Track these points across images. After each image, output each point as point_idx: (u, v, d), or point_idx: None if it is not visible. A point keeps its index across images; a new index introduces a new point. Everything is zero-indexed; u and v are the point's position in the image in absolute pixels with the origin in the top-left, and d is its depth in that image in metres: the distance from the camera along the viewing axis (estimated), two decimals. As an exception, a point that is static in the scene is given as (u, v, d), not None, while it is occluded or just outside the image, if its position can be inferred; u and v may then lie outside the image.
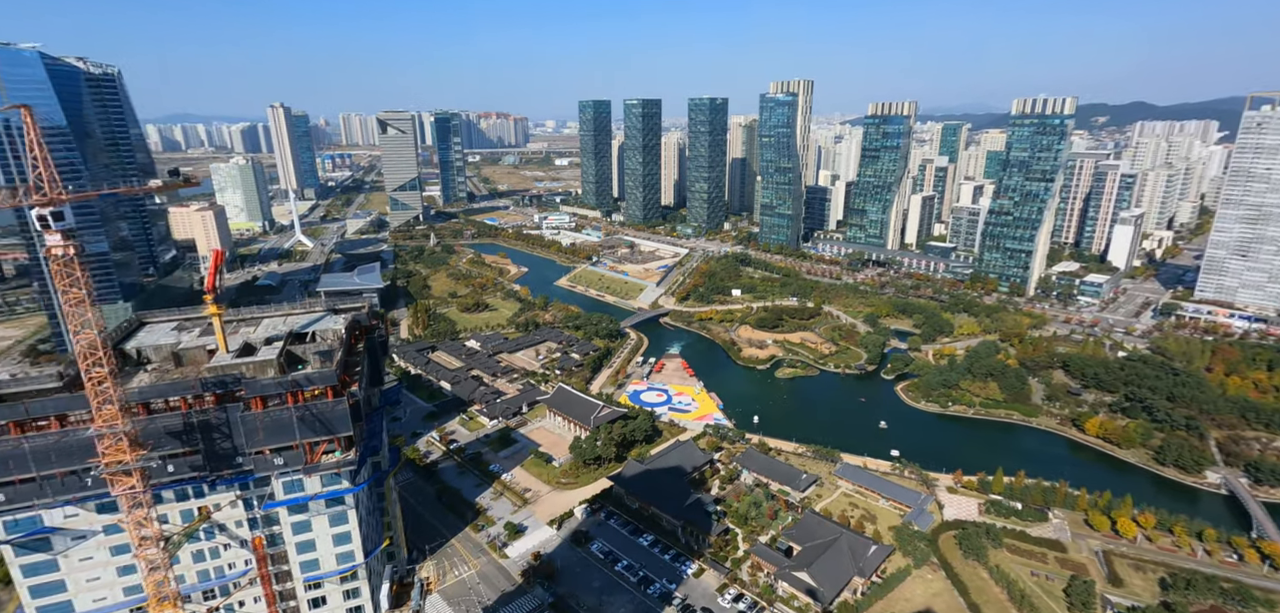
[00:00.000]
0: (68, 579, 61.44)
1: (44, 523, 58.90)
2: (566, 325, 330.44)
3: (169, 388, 59.64)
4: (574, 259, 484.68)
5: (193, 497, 63.76)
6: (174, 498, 63.02)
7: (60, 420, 57.05)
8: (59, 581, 60.92)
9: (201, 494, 63.65)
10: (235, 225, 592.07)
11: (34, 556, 59.71)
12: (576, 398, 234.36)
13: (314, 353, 71.04)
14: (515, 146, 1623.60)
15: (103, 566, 61.56)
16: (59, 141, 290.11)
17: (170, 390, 59.41)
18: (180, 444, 58.99)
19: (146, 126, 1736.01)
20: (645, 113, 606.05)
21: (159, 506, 62.72)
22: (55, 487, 56.96)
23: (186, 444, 59.29)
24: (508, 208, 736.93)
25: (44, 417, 56.95)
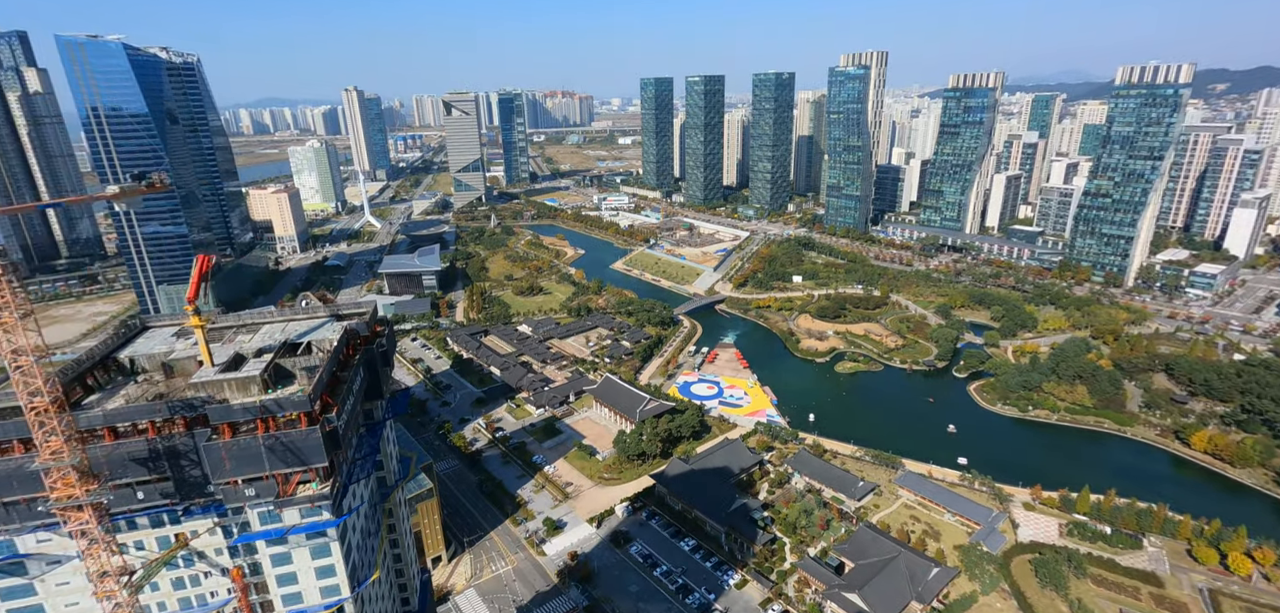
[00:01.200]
0: (46, 604, 59.53)
1: (17, 549, 56.69)
2: (619, 311, 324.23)
3: (133, 412, 55.96)
4: (631, 241, 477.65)
5: (169, 523, 60.41)
6: (149, 524, 59.81)
7: (25, 445, 54.20)
8: (37, 605, 59.08)
9: (178, 521, 60.17)
10: (309, 206, 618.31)
11: (9, 580, 57.88)
12: (623, 389, 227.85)
13: (303, 368, 66.38)
14: (580, 125, 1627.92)
15: (81, 590, 59.03)
16: (140, 128, 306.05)
17: (134, 415, 55.73)
18: (147, 472, 55.45)
19: (240, 110, 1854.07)
20: (707, 90, 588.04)
21: (134, 531, 59.78)
22: (21, 513, 54.49)
23: (154, 472, 55.72)
24: (568, 188, 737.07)
25: (6, 440, 54.25)
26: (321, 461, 57.20)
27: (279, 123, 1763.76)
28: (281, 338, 73.82)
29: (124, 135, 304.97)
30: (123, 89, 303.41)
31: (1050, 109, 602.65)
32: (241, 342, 73.09)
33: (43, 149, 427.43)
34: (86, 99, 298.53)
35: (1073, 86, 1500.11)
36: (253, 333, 76.16)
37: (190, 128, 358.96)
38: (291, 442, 55.88)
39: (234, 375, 62.86)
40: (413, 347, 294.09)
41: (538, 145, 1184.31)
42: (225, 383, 62.35)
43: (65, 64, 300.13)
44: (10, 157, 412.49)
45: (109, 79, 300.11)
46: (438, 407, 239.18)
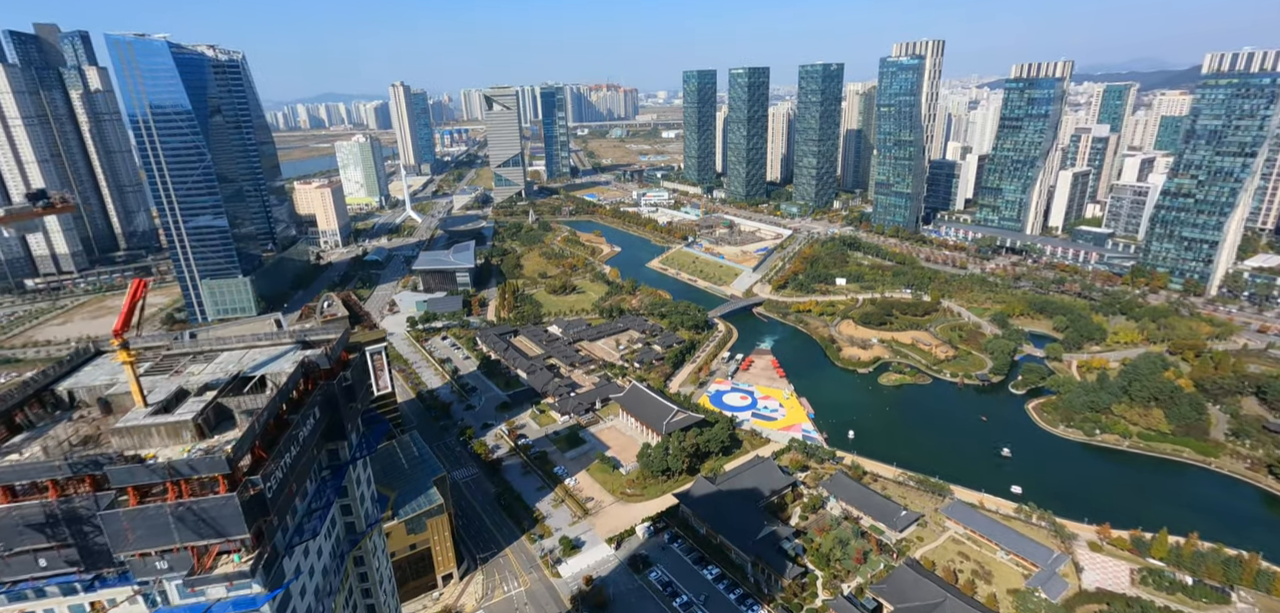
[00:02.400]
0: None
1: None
2: (652, 313, 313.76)
3: (29, 469, 48.95)
4: (669, 239, 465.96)
5: (83, 592, 53.50)
6: (61, 593, 53.02)
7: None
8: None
9: (92, 589, 53.22)
10: (354, 200, 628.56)
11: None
12: (650, 399, 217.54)
13: (246, 410, 58.61)
14: (623, 119, 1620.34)
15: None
16: (184, 124, 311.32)
17: (32, 473, 48.66)
18: (45, 539, 48.52)
19: (298, 106, 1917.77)
20: (751, 82, 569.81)
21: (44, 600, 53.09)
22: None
23: (54, 538, 48.74)
24: (608, 183, 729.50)
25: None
26: (240, 532, 48.97)
27: (334, 117, 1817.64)
28: (236, 369, 66.31)
29: (168, 132, 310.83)
30: (167, 87, 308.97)
31: (1123, 100, 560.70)
32: (191, 374, 65.88)
33: (103, 145, 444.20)
34: (133, 97, 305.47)
35: (1146, 75, 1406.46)
36: (207, 362, 68.93)
37: (234, 124, 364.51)
38: (204, 511, 47.77)
39: (163, 419, 55.30)
40: (442, 346, 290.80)
41: (581, 139, 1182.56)
42: (152, 429, 54.90)
43: (114, 62, 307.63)
44: (73, 152, 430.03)
45: (154, 77, 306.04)
46: (461, 410, 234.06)
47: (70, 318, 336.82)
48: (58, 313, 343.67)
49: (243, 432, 52.02)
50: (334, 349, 69.65)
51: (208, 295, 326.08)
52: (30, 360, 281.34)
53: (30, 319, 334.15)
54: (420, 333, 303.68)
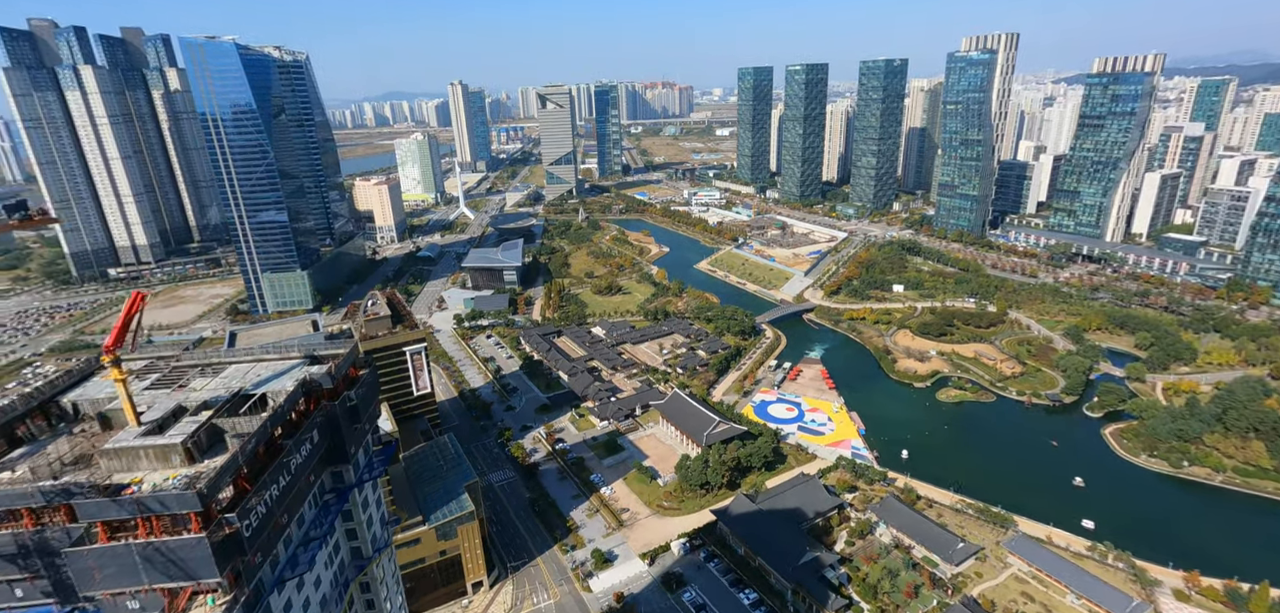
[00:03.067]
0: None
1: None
2: (698, 317, 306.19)
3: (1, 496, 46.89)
4: (719, 240, 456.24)
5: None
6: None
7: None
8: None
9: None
10: (411, 197, 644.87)
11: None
12: (691, 408, 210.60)
13: (236, 435, 55.70)
14: (678, 117, 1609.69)
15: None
16: (249, 123, 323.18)
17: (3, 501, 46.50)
18: (17, 570, 46.51)
19: (364, 104, 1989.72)
20: (809, 79, 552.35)
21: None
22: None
23: (27, 569, 46.71)
24: (660, 181, 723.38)
25: None
26: (211, 577, 45.61)
27: (398, 115, 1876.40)
28: (238, 386, 63.78)
29: (235, 130, 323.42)
30: (235, 87, 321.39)
31: (1220, 96, 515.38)
32: (194, 389, 63.73)
33: (180, 142, 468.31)
34: (204, 96, 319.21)
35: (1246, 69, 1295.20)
36: (212, 376, 66.78)
37: (297, 122, 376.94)
38: (173, 552, 44.61)
39: (152, 442, 52.82)
40: (486, 344, 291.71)
41: (634, 137, 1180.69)
42: (141, 452, 52.49)
43: (187, 64, 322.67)
44: (154, 149, 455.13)
45: (223, 78, 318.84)
46: (501, 411, 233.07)
47: (146, 307, 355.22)
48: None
49: (223, 462, 48.74)
50: (339, 367, 66.18)
51: (268, 288, 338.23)
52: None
53: (110, 307, 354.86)
54: (466, 330, 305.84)
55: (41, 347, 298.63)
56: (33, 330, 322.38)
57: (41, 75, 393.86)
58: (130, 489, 49.78)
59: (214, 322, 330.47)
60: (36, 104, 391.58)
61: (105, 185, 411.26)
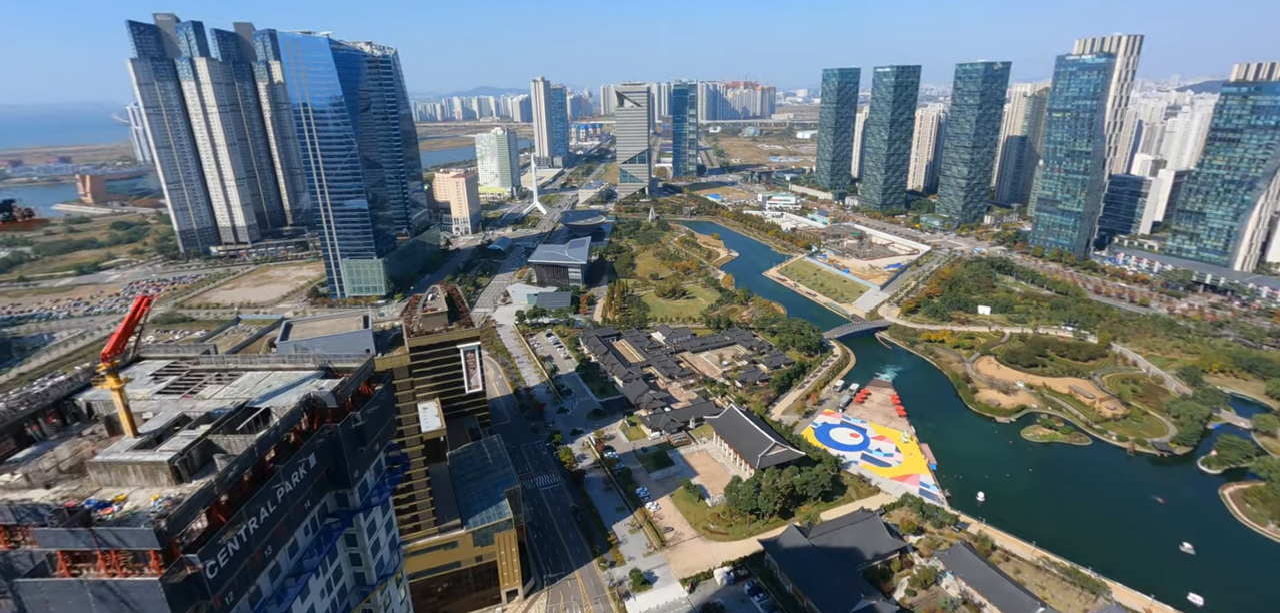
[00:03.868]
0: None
1: None
2: (762, 328, 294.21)
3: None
4: (791, 247, 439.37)
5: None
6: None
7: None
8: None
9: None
10: (487, 190, 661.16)
11: None
12: (746, 426, 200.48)
13: (225, 455, 52.72)
14: (758, 118, 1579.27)
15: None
16: (337, 115, 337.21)
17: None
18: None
19: (453, 98, 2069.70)
20: (898, 82, 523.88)
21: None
22: None
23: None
24: (734, 184, 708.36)
25: None
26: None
27: (484, 110, 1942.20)
28: (246, 396, 61.41)
29: (323, 121, 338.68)
30: (325, 80, 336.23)
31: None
32: (202, 398, 61.80)
33: (280, 131, 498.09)
34: (297, 88, 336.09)
35: None
36: (226, 382, 64.84)
37: (382, 116, 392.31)
38: (126, 593, 41.64)
39: (142, 457, 50.54)
40: (546, 342, 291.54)
41: (711, 137, 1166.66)
42: (130, 466, 50.37)
43: (284, 57, 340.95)
44: (257, 137, 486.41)
45: (315, 71, 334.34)
46: (554, 412, 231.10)
47: (237, 284, 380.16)
48: (229, 279, 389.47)
49: (195, 492, 45.44)
50: (346, 385, 62.36)
51: (346, 274, 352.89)
52: (200, 320, 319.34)
53: (208, 283, 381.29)
54: (527, 327, 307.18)
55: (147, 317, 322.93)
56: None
57: (163, 66, 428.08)
58: (110, 509, 47.61)
59: (296, 302, 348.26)
60: (157, 92, 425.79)
61: (212, 169, 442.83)
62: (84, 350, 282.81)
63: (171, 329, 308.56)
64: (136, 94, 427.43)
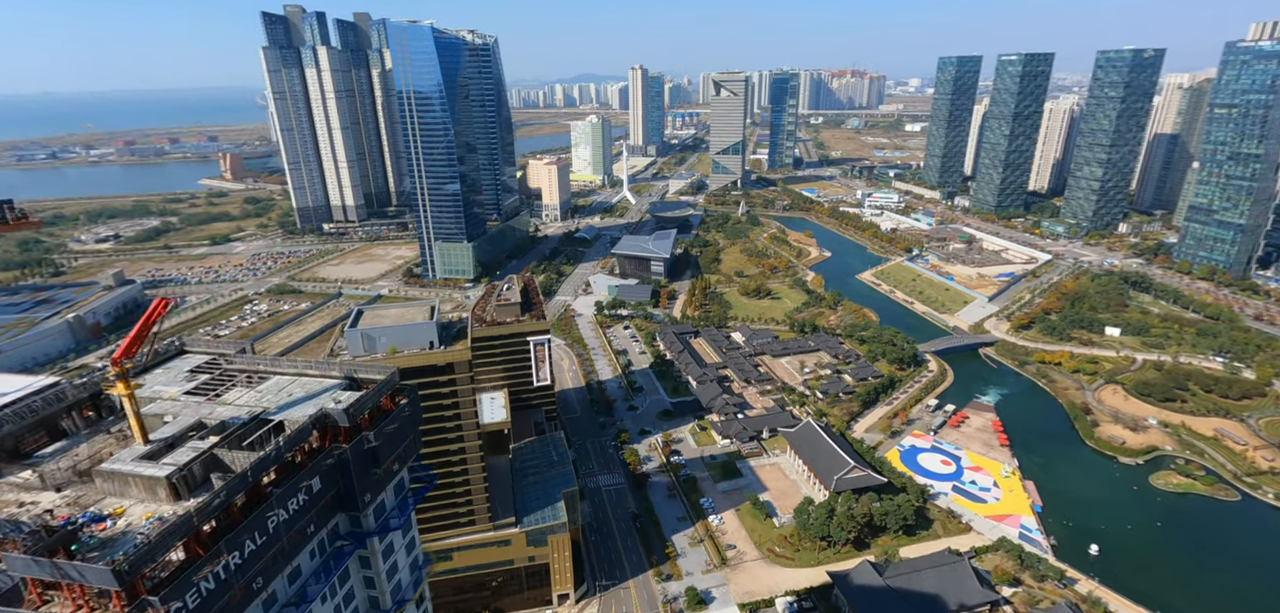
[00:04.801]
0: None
1: None
2: (851, 335, 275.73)
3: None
4: (890, 249, 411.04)
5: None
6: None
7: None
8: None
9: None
10: (580, 177, 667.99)
11: None
12: (824, 443, 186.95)
13: (220, 481, 50.24)
14: (864, 108, 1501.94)
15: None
16: (436, 102, 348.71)
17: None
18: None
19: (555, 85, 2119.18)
20: (1026, 71, 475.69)
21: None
22: None
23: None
24: (833, 178, 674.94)
25: None
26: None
27: (584, 97, 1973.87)
28: (267, 403, 59.52)
29: (423, 107, 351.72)
30: (426, 68, 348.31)
31: None
32: (226, 401, 60.50)
33: (389, 116, 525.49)
34: (401, 75, 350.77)
35: None
36: (252, 386, 63.46)
37: (479, 102, 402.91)
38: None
39: (141, 470, 49.01)
40: (622, 335, 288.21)
41: (812, 129, 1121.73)
42: (131, 478, 49.19)
43: (391, 45, 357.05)
44: (368, 121, 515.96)
45: (418, 59, 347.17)
46: (624, 410, 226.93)
47: (343, 260, 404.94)
48: (336, 255, 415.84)
49: (168, 525, 42.77)
50: (361, 403, 58.76)
51: (438, 256, 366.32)
52: (306, 293, 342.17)
53: (318, 258, 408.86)
54: (605, 318, 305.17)
55: (262, 287, 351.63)
56: (259, 271, 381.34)
57: (289, 54, 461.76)
58: (103, 525, 46.38)
59: (392, 281, 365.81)
60: (284, 79, 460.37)
61: (327, 151, 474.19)
62: (207, 316, 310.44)
63: (283, 300, 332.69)
64: (266, 80, 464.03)
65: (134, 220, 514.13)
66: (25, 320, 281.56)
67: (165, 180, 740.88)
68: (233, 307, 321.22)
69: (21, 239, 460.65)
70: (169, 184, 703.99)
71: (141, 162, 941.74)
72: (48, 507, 48.32)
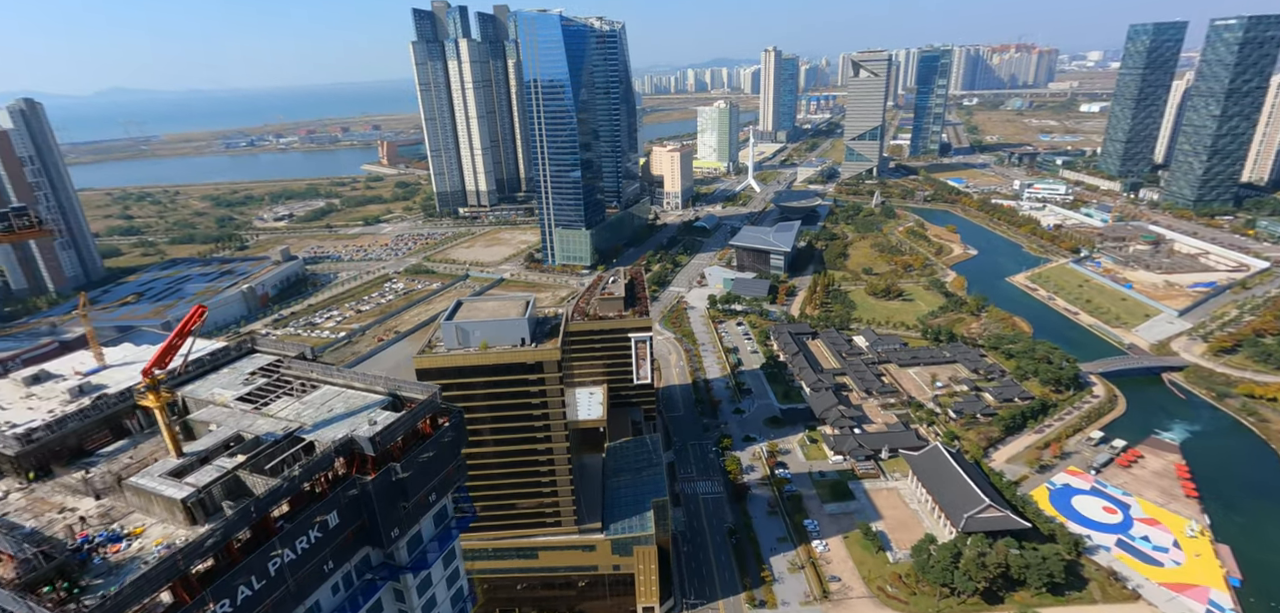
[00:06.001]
0: None
1: None
2: (995, 347, 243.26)
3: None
4: (1051, 249, 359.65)
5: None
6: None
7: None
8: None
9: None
10: (704, 164, 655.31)
11: None
12: (953, 473, 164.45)
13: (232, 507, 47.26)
14: (1030, 87, 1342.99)
15: None
16: (560, 90, 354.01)
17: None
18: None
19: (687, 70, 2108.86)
20: (1248, 38, 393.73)
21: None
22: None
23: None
24: (986, 166, 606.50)
25: None
26: None
27: (716, 82, 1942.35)
28: (306, 419, 57.10)
29: (548, 95, 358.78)
30: (553, 56, 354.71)
31: None
32: (272, 412, 58.70)
33: (521, 106, 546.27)
34: (529, 64, 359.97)
35: None
36: (309, 392, 61.61)
37: (604, 89, 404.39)
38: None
39: (164, 489, 47.20)
40: (735, 332, 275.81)
41: (964, 111, 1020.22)
42: (154, 497, 47.82)
43: (520, 35, 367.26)
44: (503, 110, 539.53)
45: (545, 48, 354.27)
46: (730, 412, 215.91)
47: (473, 243, 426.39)
48: (468, 238, 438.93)
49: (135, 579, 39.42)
50: (391, 429, 53.25)
51: (558, 242, 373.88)
52: (438, 274, 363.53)
53: (452, 240, 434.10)
54: (718, 313, 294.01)
55: (401, 266, 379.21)
56: (401, 251, 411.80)
57: (434, 47, 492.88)
58: (118, 547, 45.13)
59: (514, 265, 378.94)
60: (429, 71, 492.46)
61: (464, 139, 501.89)
62: (353, 291, 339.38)
63: (417, 279, 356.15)
64: (413, 72, 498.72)
65: (305, 201, 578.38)
66: (211, 289, 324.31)
67: (336, 165, 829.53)
68: (375, 284, 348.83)
69: (219, 216, 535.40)
70: (338, 169, 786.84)
71: (319, 148, 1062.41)
72: (83, 514, 48.42)
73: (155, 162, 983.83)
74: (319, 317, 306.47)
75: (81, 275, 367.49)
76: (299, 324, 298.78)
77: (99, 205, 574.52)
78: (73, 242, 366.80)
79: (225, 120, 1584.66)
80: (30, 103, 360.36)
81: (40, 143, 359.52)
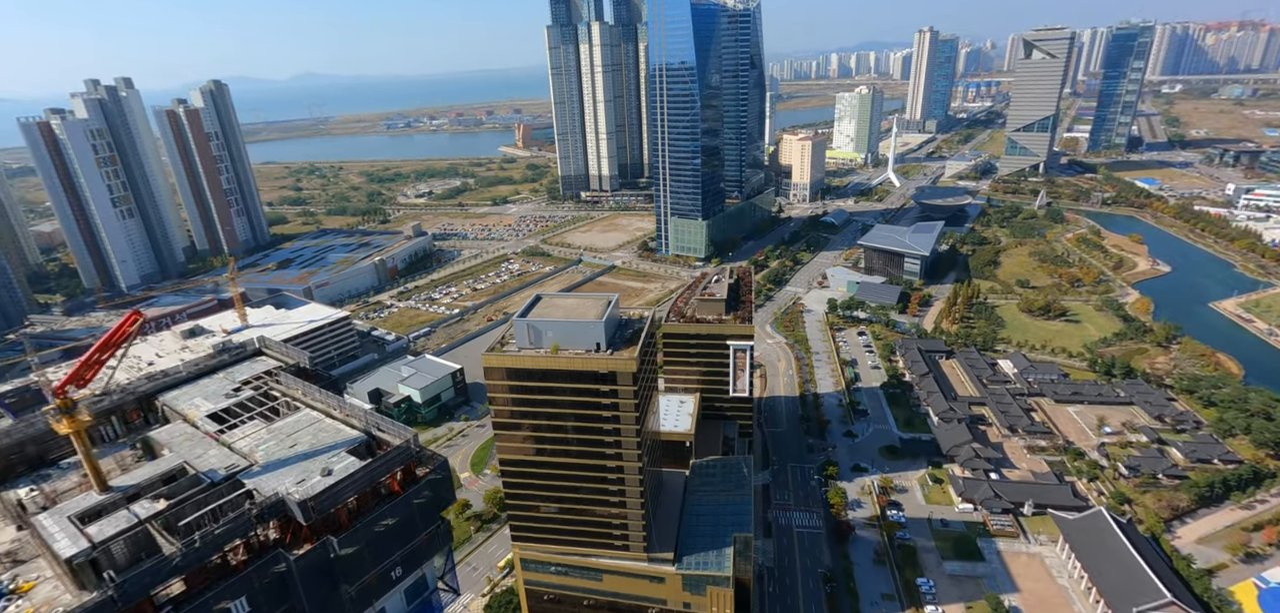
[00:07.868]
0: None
1: None
2: (1188, 389, 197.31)
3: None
4: (1275, 270, 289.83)
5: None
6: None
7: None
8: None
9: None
10: (839, 154, 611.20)
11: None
12: (1120, 547, 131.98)
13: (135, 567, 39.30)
14: (1254, 72, 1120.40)
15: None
16: (686, 75, 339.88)
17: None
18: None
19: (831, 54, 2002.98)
20: None
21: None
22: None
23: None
24: (1188, 166, 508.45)
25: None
26: None
27: (862, 67, 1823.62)
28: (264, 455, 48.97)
29: (673, 80, 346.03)
30: (680, 40, 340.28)
31: None
32: (236, 435, 51.53)
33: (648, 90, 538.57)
34: (656, 48, 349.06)
35: None
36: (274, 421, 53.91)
37: (732, 73, 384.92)
38: None
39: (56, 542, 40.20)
40: (855, 342, 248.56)
41: (1162, 99, 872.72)
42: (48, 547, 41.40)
43: (649, 16, 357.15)
44: (630, 94, 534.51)
45: (672, 29, 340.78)
46: (839, 435, 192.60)
47: (591, 228, 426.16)
48: (586, 223, 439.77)
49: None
50: (331, 494, 43.15)
51: (672, 232, 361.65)
52: (552, 257, 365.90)
53: (571, 224, 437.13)
54: (838, 319, 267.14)
55: (519, 247, 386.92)
56: (522, 232, 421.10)
57: (567, 30, 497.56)
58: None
59: (628, 253, 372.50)
60: (561, 54, 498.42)
61: (591, 123, 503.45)
62: (474, 269, 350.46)
63: (531, 261, 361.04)
64: (546, 57, 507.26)
65: (444, 180, 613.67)
66: (348, 259, 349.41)
67: (477, 147, 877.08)
68: (493, 263, 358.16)
69: (371, 191, 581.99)
70: (479, 150, 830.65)
71: (464, 130, 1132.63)
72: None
73: (329, 139, 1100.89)
74: (438, 292, 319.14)
75: (251, 239, 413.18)
76: (419, 298, 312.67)
77: (277, 177, 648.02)
78: (246, 209, 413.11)
79: (389, 103, 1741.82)
80: (218, 84, 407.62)
81: (224, 121, 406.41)
